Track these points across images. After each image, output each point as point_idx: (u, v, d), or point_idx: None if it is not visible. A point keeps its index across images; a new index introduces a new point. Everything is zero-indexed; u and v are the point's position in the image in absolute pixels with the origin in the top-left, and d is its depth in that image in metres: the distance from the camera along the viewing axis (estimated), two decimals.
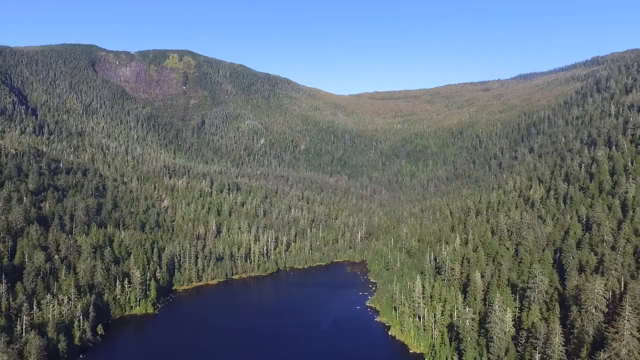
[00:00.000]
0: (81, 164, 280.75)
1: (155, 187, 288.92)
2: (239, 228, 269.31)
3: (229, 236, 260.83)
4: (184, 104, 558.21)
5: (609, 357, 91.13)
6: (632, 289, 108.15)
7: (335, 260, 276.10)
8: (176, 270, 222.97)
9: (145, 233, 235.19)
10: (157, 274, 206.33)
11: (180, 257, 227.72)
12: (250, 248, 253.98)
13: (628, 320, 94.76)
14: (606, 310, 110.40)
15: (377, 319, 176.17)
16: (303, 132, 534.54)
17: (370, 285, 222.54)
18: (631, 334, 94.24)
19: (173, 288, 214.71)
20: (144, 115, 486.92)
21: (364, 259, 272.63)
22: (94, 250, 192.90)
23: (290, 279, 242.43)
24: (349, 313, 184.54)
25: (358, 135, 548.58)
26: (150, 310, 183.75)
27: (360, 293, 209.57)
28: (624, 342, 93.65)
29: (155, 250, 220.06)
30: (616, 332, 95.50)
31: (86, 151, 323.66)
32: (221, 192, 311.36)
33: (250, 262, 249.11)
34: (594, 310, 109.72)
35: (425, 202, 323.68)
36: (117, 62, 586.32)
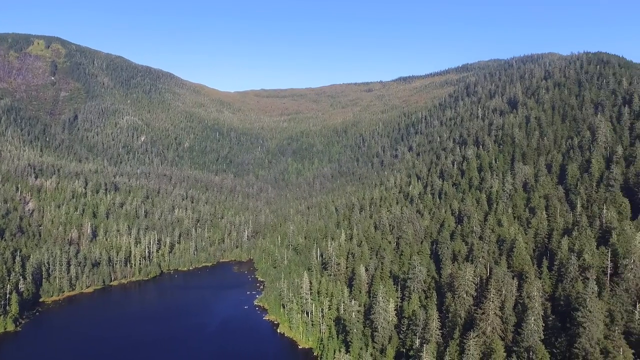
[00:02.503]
0: None
1: (17, 189, 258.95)
2: (118, 230, 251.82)
3: (107, 240, 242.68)
4: (52, 97, 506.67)
5: (477, 335, 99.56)
6: (496, 274, 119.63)
7: (221, 260, 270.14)
8: (44, 280, 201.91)
9: (5, 240, 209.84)
10: (20, 286, 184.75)
11: (49, 265, 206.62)
12: (130, 251, 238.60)
13: (492, 301, 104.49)
14: (475, 294, 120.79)
15: (266, 317, 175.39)
16: (187, 129, 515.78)
17: (258, 284, 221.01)
18: (495, 313, 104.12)
19: (40, 300, 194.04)
20: (1, 107, 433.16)
21: (251, 257, 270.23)
22: None
23: (175, 281, 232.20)
24: (237, 313, 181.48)
25: (244, 133, 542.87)
26: (11, 327, 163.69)
27: (248, 292, 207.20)
28: (489, 321, 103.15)
29: (18, 259, 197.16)
30: (483, 313, 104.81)
31: None
32: (97, 192, 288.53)
33: (131, 267, 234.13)
34: (465, 295, 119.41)
35: (311, 199, 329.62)
36: None
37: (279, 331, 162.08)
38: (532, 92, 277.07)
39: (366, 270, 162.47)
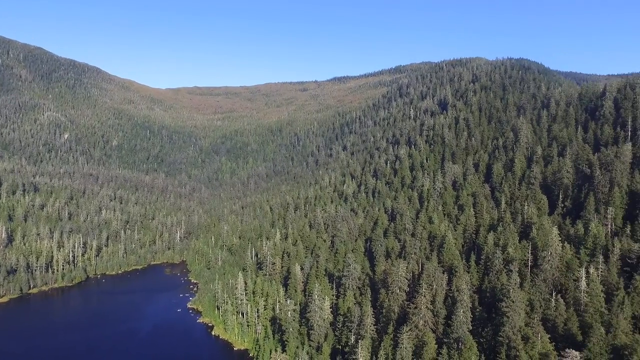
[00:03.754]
0: None
1: None
2: (38, 234, 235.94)
3: (25, 244, 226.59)
4: None
5: (410, 329, 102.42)
6: (427, 269, 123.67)
7: (153, 263, 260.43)
8: None
9: None
10: None
11: None
12: (52, 256, 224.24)
13: (424, 296, 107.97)
14: (407, 289, 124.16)
15: (200, 319, 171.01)
16: (115, 126, 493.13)
17: (191, 286, 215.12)
18: (426, 307, 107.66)
19: None
20: None
21: (184, 259, 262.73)
22: None
23: (102, 286, 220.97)
24: (170, 317, 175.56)
25: (176, 131, 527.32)
26: None
27: (181, 295, 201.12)
28: (421, 315, 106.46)
29: None
30: (415, 307, 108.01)
31: None
32: (14, 193, 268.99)
33: (53, 272, 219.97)
34: (398, 290, 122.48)
35: (246, 199, 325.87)
36: None
37: (213, 333, 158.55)
38: (461, 94, 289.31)
39: (301, 269, 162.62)
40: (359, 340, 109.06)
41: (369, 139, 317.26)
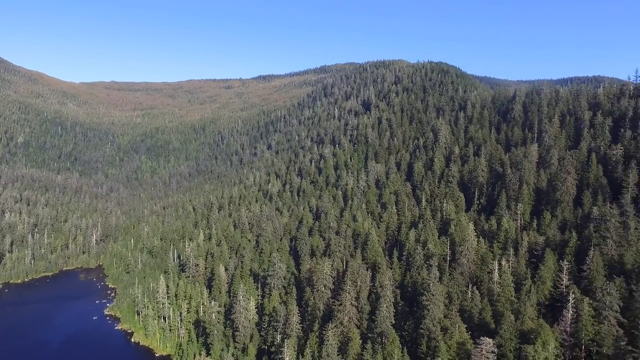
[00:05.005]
0: None
1: None
2: None
3: None
4: None
5: (335, 326, 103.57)
6: (352, 266, 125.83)
7: (65, 269, 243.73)
8: None
9: None
10: None
11: None
12: None
13: (348, 292, 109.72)
14: (332, 287, 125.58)
15: (119, 326, 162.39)
16: (21, 122, 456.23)
17: (108, 292, 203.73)
18: (351, 303, 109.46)
19: None
20: None
21: (101, 263, 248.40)
22: None
23: (5, 296, 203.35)
24: (85, 326, 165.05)
25: (92, 128, 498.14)
26: None
27: (97, 301, 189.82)
28: (346, 312, 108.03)
29: None
30: (340, 304, 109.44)
31: None
32: None
33: None
34: (323, 288, 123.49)
35: (168, 199, 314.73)
36: None
37: (133, 340, 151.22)
38: (384, 95, 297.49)
39: (226, 269, 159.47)
40: (285, 340, 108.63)
41: (294, 138, 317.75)
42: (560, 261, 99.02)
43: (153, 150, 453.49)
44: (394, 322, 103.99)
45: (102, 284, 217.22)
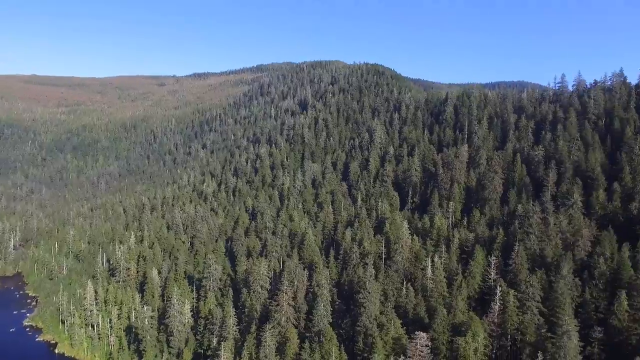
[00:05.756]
0: None
1: None
2: None
3: None
4: None
5: (273, 326, 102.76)
6: (288, 266, 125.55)
7: None
8: None
9: None
10: None
11: None
12: None
13: (286, 293, 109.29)
14: (269, 287, 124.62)
15: (40, 337, 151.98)
16: None
17: (29, 301, 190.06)
18: (288, 303, 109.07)
19: None
20: None
21: (20, 270, 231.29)
22: None
23: None
24: (0, 338, 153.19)
25: (9, 125, 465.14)
26: None
27: (15, 312, 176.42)
28: (283, 312, 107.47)
29: None
30: (277, 305, 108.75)
31: None
32: None
33: None
34: (260, 289, 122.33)
35: (96, 200, 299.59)
36: None
37: (57, 351, 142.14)
38: (321, 95, 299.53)
39: (159, 273, 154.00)
40: (222, 342, 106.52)
41: (230, 138, 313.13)
42: (489, 256, 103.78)
43: (80, 149, 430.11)
44: (331, 320, 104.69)
45: (21, 292, 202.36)
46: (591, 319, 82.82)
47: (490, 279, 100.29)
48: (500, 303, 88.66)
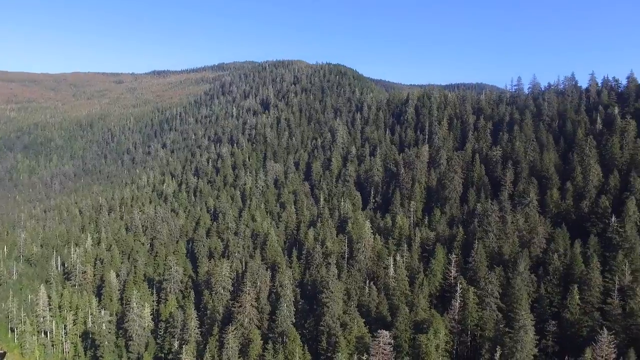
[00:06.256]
0: None
1: None
2: None
3: None
4: None
5: (235, 328, 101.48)
6: (251, 267, 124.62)
7: None
8: None
9: None
10: None
11: None
12: None
13: (248, 294, 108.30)
14: (232, 289, 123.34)
15: None
16: None
17: None
18: (251, 305, 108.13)
19: None
20: None
21: None
22: None
23: None
24: None
25: None
26: None
27: None
28: (246, 313, 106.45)
29: None
30: (240, 306, 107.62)
31: None
32: None
33: None
34: (222, 290, 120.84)
35: (50, 201, 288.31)
36: None
37: None
38: (283, 95, 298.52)
39: (117, 276, 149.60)
40: (183, 345, 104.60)
41: (191, 137, 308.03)
42: (449, 254, 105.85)
43: (32, 148, 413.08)
44: (294, 320, 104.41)
45: None
46: (546, 313, 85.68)
47: (450, 276, 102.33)
48: (460, 300, 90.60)
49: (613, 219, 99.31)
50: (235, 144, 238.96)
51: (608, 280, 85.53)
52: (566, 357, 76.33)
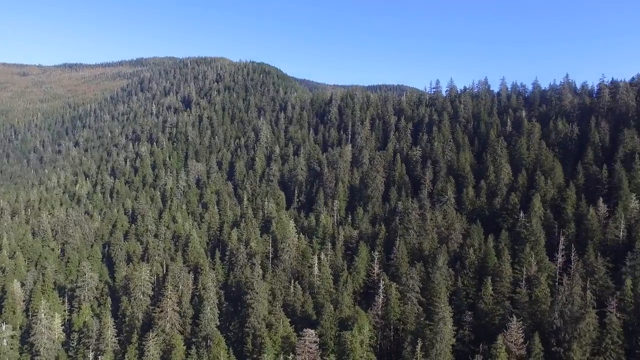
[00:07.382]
0: None
1: None
2: None
3: None
4: None
5: (157, 334, 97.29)
6: (172, 270, 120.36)
7: None
8: None
9: None
10: None
11: None
12: None
13: (170, 298, 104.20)
14: (152, 293, 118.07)
15: None
16: None
17: None
18: (173, 309, 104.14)
19: None
20: None
21: None
22: None
23: None
24: None
25: None
26: None
27: None
28: (167, 318, 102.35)
29: None
30: (161, 311, 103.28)
31: None
32: None
33: None
34: (142, 295, 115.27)
35: None
36: None
37: None
38: (205, 92, 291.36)
39: (22, 285, 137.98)
40: (99, 356, 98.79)
41: (106, 135, 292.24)
42: (372, 252, 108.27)
43: None
44: (218, 323, 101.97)
45: None
46: (463, 305, 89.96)
47: (374, 273, 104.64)
48: (383, 296, 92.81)
49: (521, 214, 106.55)
50: (155, 143, 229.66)
51: (517, 271, 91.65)
52: (481, 345, 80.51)
